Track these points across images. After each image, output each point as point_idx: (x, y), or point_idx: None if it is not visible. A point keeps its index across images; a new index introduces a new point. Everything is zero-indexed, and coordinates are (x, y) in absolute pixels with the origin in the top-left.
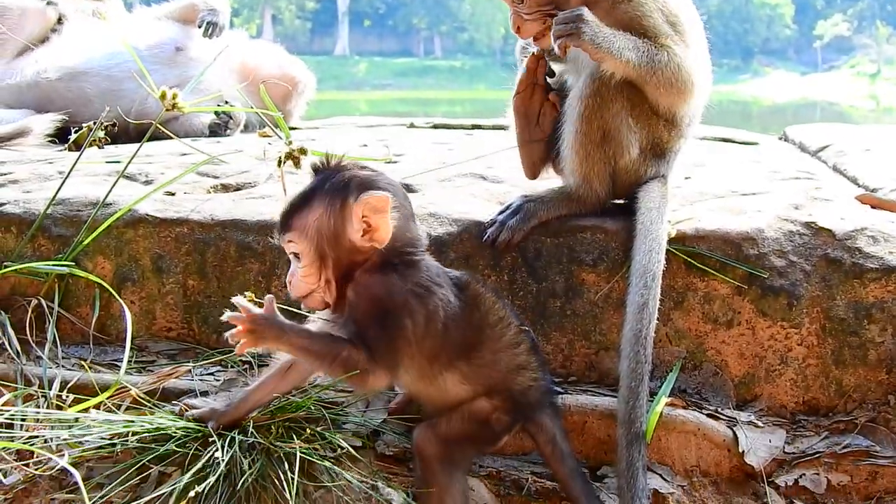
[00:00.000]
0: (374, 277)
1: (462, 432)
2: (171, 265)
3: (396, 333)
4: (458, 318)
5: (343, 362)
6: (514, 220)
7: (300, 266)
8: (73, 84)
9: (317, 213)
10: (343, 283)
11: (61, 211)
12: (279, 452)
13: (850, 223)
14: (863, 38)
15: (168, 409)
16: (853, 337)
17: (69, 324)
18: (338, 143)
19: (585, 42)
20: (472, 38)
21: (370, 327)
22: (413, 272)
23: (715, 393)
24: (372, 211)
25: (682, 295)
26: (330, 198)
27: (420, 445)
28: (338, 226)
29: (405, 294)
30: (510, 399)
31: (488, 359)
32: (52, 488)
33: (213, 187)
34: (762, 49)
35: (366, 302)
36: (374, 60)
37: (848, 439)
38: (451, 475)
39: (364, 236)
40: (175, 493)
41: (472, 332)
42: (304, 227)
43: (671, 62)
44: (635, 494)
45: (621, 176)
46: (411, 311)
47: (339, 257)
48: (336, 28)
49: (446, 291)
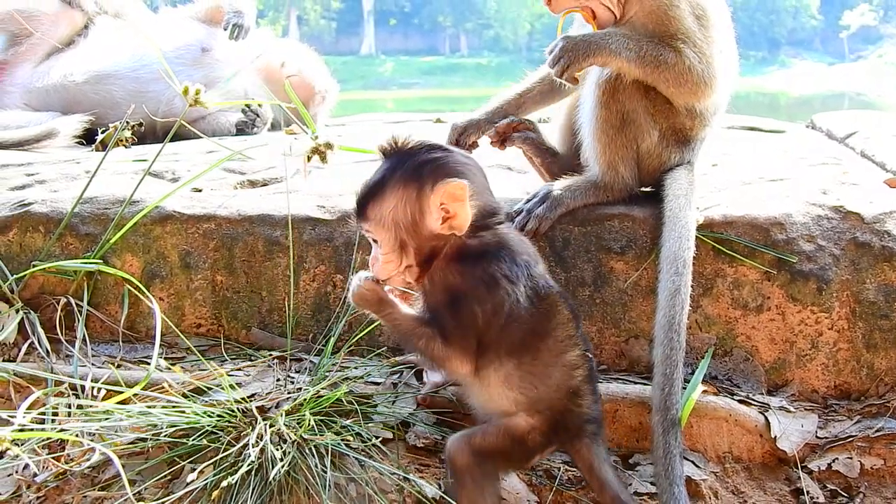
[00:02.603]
0: (450, 267)
1: (496, 447)
2: (199, 261)
3: (467, 322)
4: (523, 318)
5: (424, 346)
6: (541, 208)
7: (381, 251)
8: (100, 87)
9: (392, 202)
10: (426, 264)
11: (88, 209)
12: (310, 445)
13: (878, 206)
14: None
15: (201, 403)
16: (884, 320)
17: (98, 322)
18: (364, 139)
19: (581, 63)
20: (497, 34)
21: (444, 315)
22: (489, 262)
23: (746, 379)
24: (450, 199)
25: (711, 281)
26: (404, 186)
27: (452, 455)
28: (415, 215)
29: (477, 283)
30: (550, 421)
31: (539, 370)
32: (84, 485)
33: (239, 183)
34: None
35: (440, 291)
36: (399, 59)
37: (881, 422)
38: (483, 486)
39: (443, 224)
40: (207, 487)
41: (533, 338)
42: (381, 217)
43: (679, 63)
44: (673, 481)
45: (645, 161)
46: (480, 300)
47: (419, 244)
48: (361, 27)
49: (518, 289)
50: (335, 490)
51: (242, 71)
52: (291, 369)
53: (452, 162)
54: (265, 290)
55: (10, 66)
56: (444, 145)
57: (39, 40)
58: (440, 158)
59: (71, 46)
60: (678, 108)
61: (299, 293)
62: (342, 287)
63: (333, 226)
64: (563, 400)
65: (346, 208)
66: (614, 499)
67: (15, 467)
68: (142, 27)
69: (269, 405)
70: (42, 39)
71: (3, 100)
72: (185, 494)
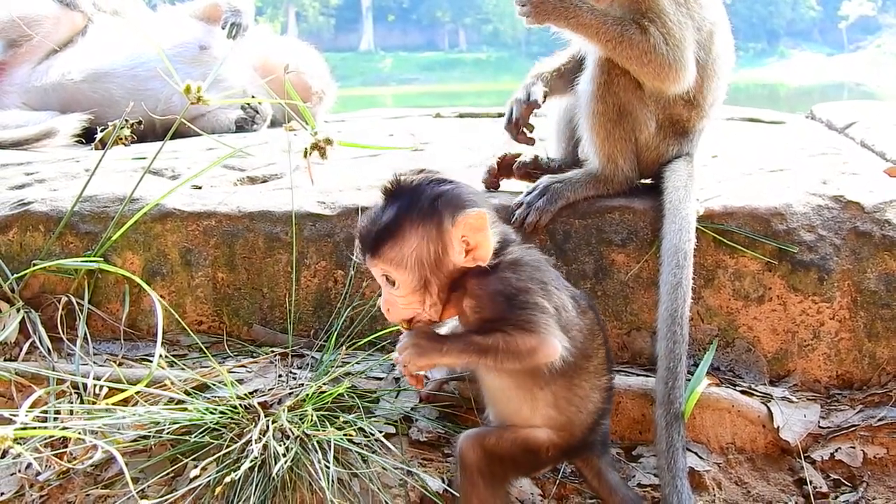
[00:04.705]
0: (487, 281)
1: (509, 454)
2: (199, 258)
3: (533, 306)
4: (577, 329)
5: (504, 349)
6: (542, 201)
7: (398, 293)
8: (98, 85)
9: (413, 243)
10: (447, 300)
11: (88, 208)
12: (313, 440)
13: (878, 196)
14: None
15: (203, 399)
16: (885, 309)
17: (100, 320)
18: (364, 134)
19: (543, 18)
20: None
21: (505, 314)
22: (527, 268)
23: (748, 370)
24: (471, 231)
25: (712, 273)
26: (422, 224)
27: (464, 452)
28: (438, 253)
29: (527, 281)
30: (571, 440)
31: (582, 394)
32: (87, 483)
33: (239, 180)
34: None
35: (492, 302)
36: (399, 55)
37: (883, 412)
38: (494, 487)
39: (466, 257)
40: (211, 484)
41: (582, 358)
42: (402, 258)
43: (644, 42)
44: (676, 474)
45: (644, 153)
46: (540, 294)
47: (441, 281)
48: (360, 24)
49: (564, 296)
50: (338, 485)
51: (241, 68)
52: (293, 365)
53: (464, 192)
54: (266, 287)
55: (9, 66)
56: (448, 177)
57: (39, 42)
58: (451, 190)
59: (69, 45)
60: (674, 100)
61: (300, 289)
62: (343, 283)
63: (334, 221)
64: (591, 423)
65: (346, 204)
66: (626, 500)
67: (18, 466)
68: (140, 25)
69: (271, 401)
70: (42, 41)
71: (2, 100)
72: (189, 491)
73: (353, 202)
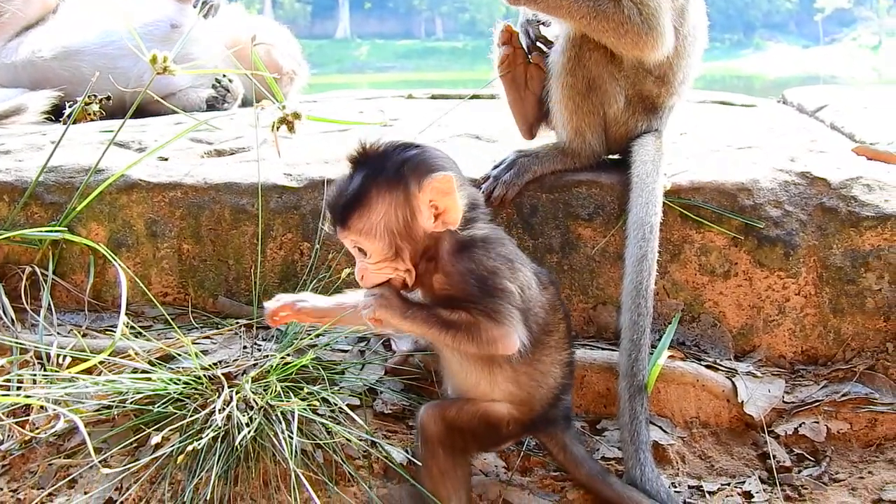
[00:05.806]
0: (460, 256)
1: (469, 427)
2: (165, 230)
3: (506, 298)
4: (540, 305)
5: (467, 334)
6: (509, 174)
7: (371, 261)
8: (68, 63)
9: (381, 211)
10: (419, 266)
11: (53, 178)
12: (277, 411)
13: (845, 172)
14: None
15: (167, 370)
16: (850, 285)
17: (64, 291)
18: (335, 113)
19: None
20: (473, 18)
21: (479, 299)
22: (497, 245)
23: (713, 344)
24: (439, 195)
25: (678, 247)
26: (390, 191)
27: (424, 423)
28: (407, 219)
29: (498, 262)
30: (531, 415)
31: (542, 370)
32: (50, 453)
33: (206, 153)
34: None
35: (462, 281)
36: (375, 43)
37: (847, 387)
38: (454, 458)
39: (436, 221)
40: (173, 453)
41: (543, 332)
42: (370, 227)
43: (618, 13)
44: (639, 447)
45: (612, 127)
46: (509, 277)
47: (413, 247)
48: (336, 11)
49: (528, 273)
50: (302, 456)
51: (212, 46)
52: (258, 337)
53: (431, 156)
54: (232, 259)
55: None
56: (416, 142)
57: (10, 19)
58: (417, 155)
59: (40, 23)
60: (644, 75)
61: (266, 261)
62: (309, 255)
63: (301, 194)
64: (552, 398)
65: (313, 176)
66: (590, 476)
67: None
68: (111, 3)
69: (235, 372)
70: (12, 19)
71: None
72: (152, 461)
73: (321, 174)
